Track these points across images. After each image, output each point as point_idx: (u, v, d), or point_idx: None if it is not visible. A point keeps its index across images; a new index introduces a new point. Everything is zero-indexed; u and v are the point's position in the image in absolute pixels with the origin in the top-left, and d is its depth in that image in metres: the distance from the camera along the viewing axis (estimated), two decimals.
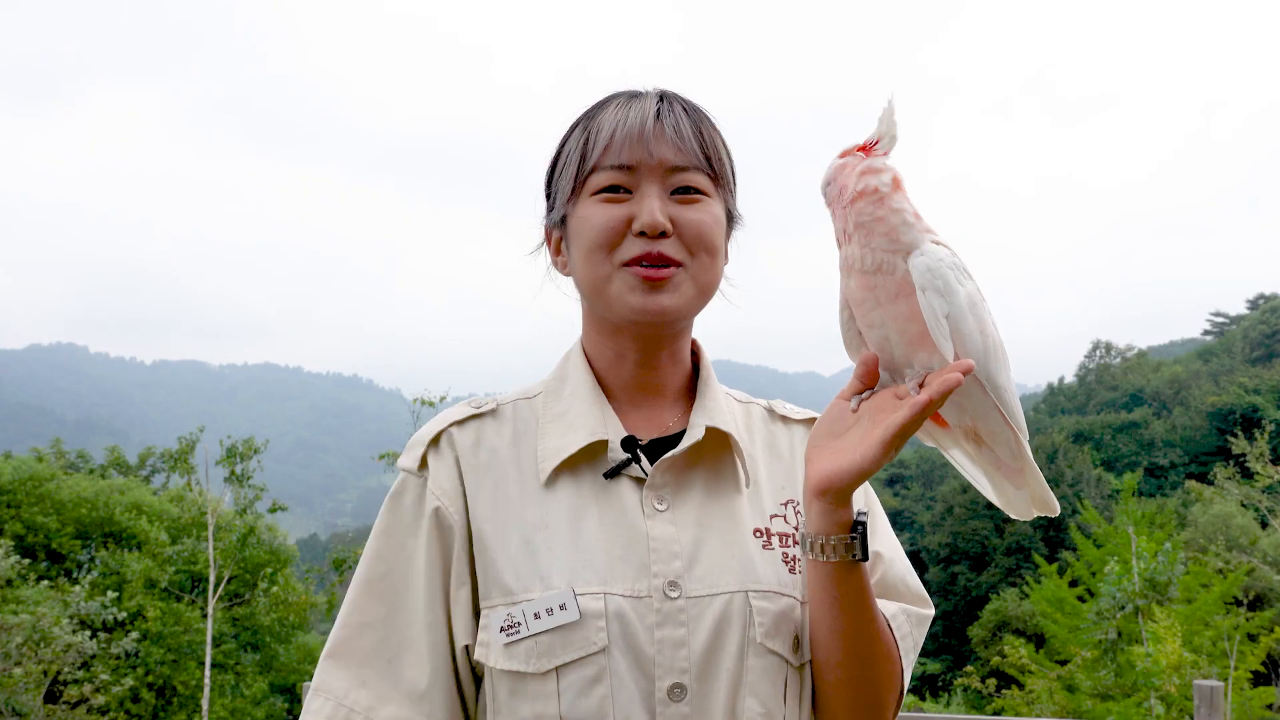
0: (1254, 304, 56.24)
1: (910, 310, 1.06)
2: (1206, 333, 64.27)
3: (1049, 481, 1.23)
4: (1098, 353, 54.26)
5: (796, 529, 1.19)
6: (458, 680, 1.13)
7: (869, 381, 1.10)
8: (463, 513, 1.14)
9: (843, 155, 1.10)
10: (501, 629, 1.09)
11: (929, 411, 0.99)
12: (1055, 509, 1.15)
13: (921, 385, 1.05)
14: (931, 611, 1.24)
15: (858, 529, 1.07)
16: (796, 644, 1.14)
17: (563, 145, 1.20)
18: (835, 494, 1.05)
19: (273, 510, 16.29)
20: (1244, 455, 14.26)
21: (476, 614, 1.13)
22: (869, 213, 1.06)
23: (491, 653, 1.10)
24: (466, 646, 1.13)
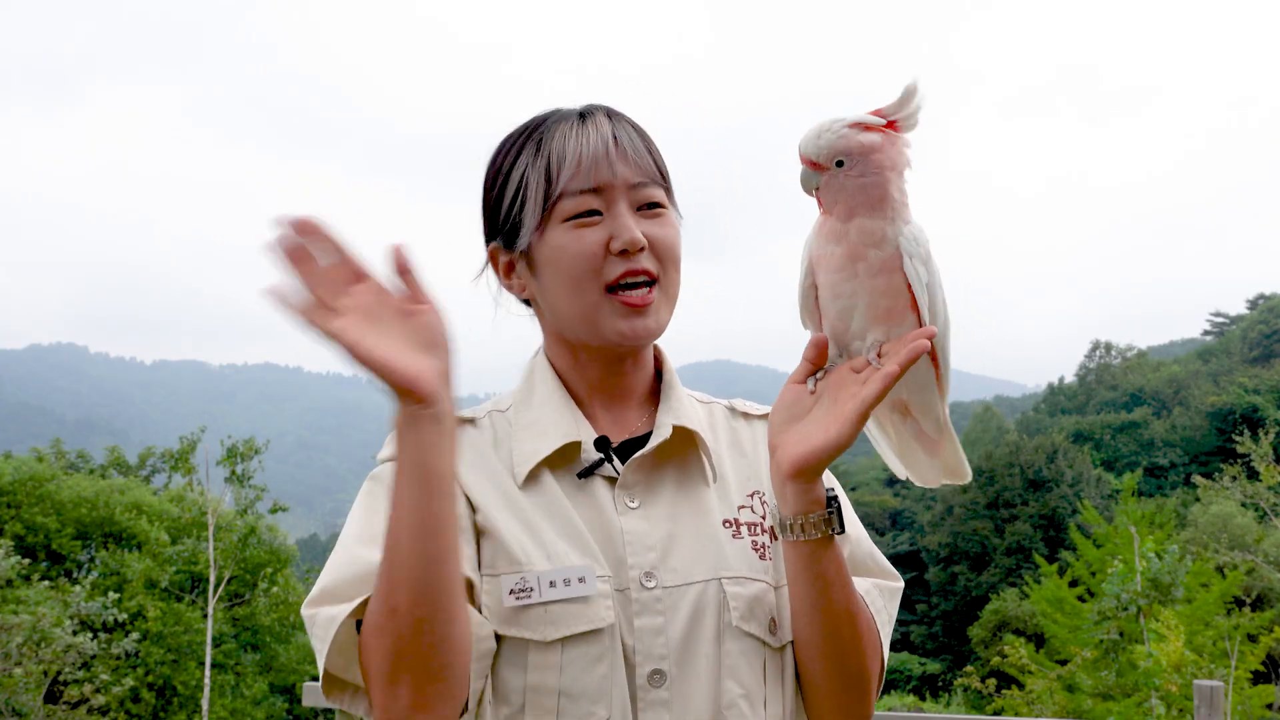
0: (1254, 304, 56.21)
1: (887, 285, 1.09)
2: (1206, 333, 64.25)
3: (1049, 481, 1.26)
4: (1098, 353, 54.26)
5: (764, 518, 1.23)
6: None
7: (820, 362, 1.14)
8: (460, 484, 1.15)
9: (856, 125, 1.07)
10: (511, 591, 1.10)
11: (897, 380, 1.04)
12: (967, 476, 1.21)
13: (879, 356, 1.09)
14: (901, 584, 1.28)
15: (832, 504, 1.12)
16: (773, 626, 1.18)
17: (510, 172, 1.20)
18: (810, 472, 1.09)
19: (273, 511, 16.31)
20: (1249, 455, 14.27)
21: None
22: (898, 185, 1.09)
23: (493, 618, 1.11)
24: (470, 580, 1.12)
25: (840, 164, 1.08)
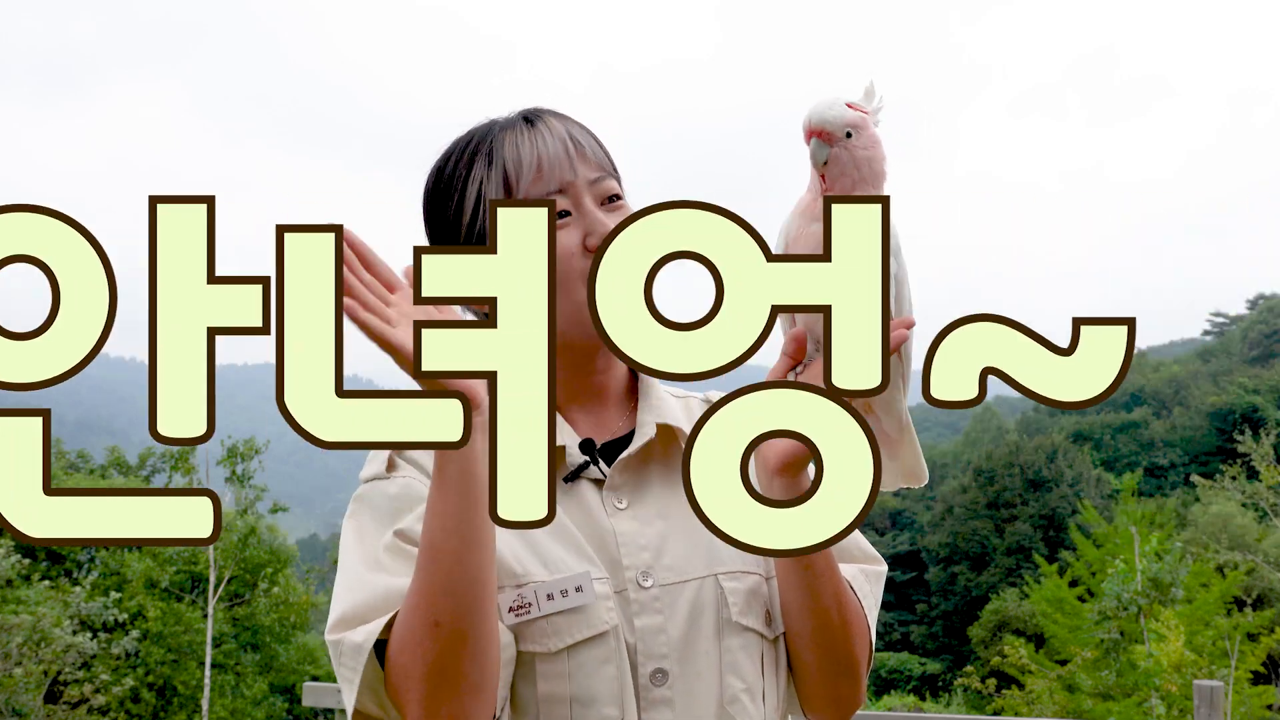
0: (1254, 304, 56.20)
1: None
2: (1206, 333, 64.21)
3: (1049, 481, 1.27)
4: None
5: None
6: None
7: (799, 356, 1.14)
8: None
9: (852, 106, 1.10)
10: (510, 609, 1.10)
11: None
12: (924, 478, 1.21)
13: None
14: (885, 568, 1.29)
15: None
16: (768, 618, 1.19)
17: (465, 187, 1.20)
18: (796, 466, 1.10)
19: (273, 511, 16.31)
20: (1249, 455, 14.31)
21: None
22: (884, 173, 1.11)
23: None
24: None
25: (849, 135, 1.08)
